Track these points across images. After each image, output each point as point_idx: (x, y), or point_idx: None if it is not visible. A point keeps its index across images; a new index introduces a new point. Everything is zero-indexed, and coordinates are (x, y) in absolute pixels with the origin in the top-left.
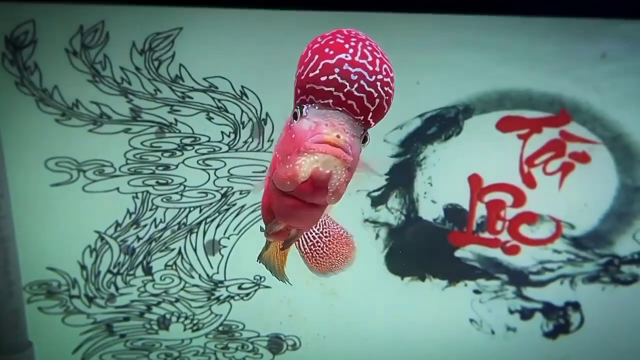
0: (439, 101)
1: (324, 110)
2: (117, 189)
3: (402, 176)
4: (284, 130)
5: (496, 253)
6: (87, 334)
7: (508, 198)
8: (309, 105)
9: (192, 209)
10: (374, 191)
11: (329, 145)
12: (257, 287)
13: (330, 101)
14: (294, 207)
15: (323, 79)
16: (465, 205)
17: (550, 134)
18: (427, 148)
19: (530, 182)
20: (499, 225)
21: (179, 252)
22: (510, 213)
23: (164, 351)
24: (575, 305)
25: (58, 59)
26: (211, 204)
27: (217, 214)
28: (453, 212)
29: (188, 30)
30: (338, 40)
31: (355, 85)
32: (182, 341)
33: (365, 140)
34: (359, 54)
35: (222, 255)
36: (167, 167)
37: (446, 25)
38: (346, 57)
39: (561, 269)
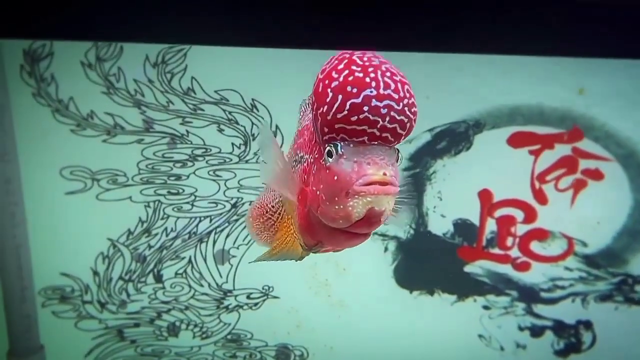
0: (449, 116)
1: (361, 147)
2: (130, 198)
3: (411, 191)
4: (317, 166)
5: (506, 269)
6: (99, 339)
7: (519, 214)
8: (343, 144)
9: (202, 218)
10: None
11: (384, 187)
12: (265, 297)
13: (365, 138)
14: (347, 239)
15: (354, 119)
16: (475, 221)
17: (562, 150)
18: (436, 162)
19: (541, 198)
20: (509, 241)
21: (189, 261)
22: (521, 229)
23: (173, 358)
24: (587, 324)
25: (74, 71)
26: (221, 214)
27: (226, 224)
28: (463, 227)
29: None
30: (357, 74)
31: (387, 119)
32: (191, 348)
33: (398, 158)
34: (382, 84)
35: (231, 265)
36: (178, 177)
37: None
38: (371, 92)
39: (573, 287)
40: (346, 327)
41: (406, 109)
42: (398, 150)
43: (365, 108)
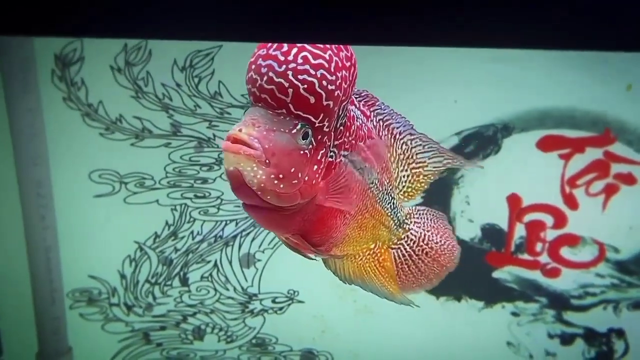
0: (477, 119)
1: (251, 108)
2: (157, 201)
3: (438, 194)
4: None
5: (535, 275)
6: (125, 342)
7: (548, 219)
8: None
9: (228, 222)
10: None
11: (229, 143)
12: (290, 302)
13: (252, 98)
14: (244, 208)
15: (246, 77)
16: (504, 226)
17: (593, 154)
18: None
19: (572, 203)
20: (538, 246)
21: (215, 264)
22: (550, 234)
23: None
24: (620, 332)
25: (103, 76)
26: (247, 217)
27: (252, 228)
28: (491, 232)
29: (227, 47)
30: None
31: (265, 79)
32: (216, 352)
33: (306, 136)
34: (275, 46)
35: (257, 269)
36: (205, 180)
37: None
38: (262, 52)
39: (604, 294)
40: (371, 333)
41: (290, 72)
42: (302, 124)
43: (253, 66)
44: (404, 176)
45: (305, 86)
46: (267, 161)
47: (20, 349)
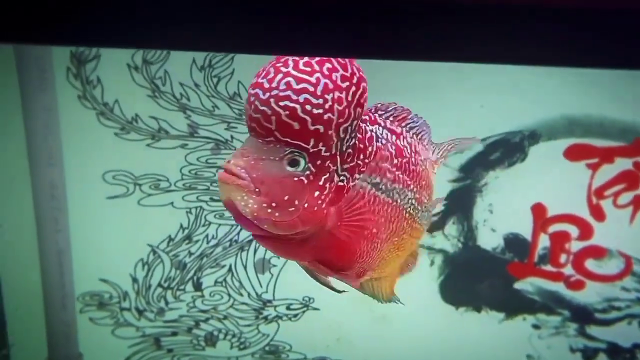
0: (504, 126)
1: (247, 138)
2: (172, 203)
3: (461, 202)
4: None
5: (558, 287)
6: (136, 347)
7: (574, 230)
8: None
9: None
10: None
11: (223, 173)
12: (305, 309)
13: (247, 130)
14: (255, 239)
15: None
16: (527, 236)
17: (622, 164)
18: (488, 174)
19: (598, 214)
20: (562, 258)
21: (229, 269)
22: (575, 246)
23: None
24: None
25: (120, 74)
26: None
27: None
28: (514, 242)
29: None
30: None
31: (253, 107)
32: (228, 359)
33: (295, 163)
34: (263, 73)
35: (272, 275)
36: None
37: None
38: (253, 80)
39: (630, 309)
40: (387, 342)
41: (272, 100)
42: (291, 151)
43: (246, 97)
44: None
45: (287, 112)
46: (257, 190)
47: (28, 355)
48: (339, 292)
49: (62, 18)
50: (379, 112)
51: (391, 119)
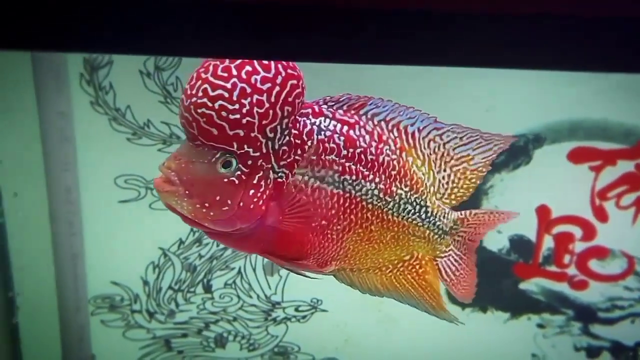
0: (509, 129)
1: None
2: None
3: (467, 204)
4: None
5: (562, 287)
6: (146, 349)
7: (577, 231)
8: None
9: None
10: None
11: (157, 179)
12: (313, 310)
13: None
14: (207, 235)
15: None
16: (532, 237)
17: (624, 166)
18: (494, 177)
19: (601, 215)
20: (566, 258)
21: (239, 272)
22: (579, 247)
23: None
24: None
25: (132, 80)
26: None
27: None
28: (519, 243)
29: None
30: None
31: (179, 112)
32: None
33: (228, 164)
34: (189, 80)
35: (281, 277)
36: None
37: None
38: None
39: (633, 308)
40: (395, 342)
41: (192, 107)
42: (222, 153)
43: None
44: (442, 177)
45: (205, 119)
46: (187, 192)
47: (42, 357)
48: (311, 278)
49: (69, 24)
50: (328, 104)
51: (345, 108)
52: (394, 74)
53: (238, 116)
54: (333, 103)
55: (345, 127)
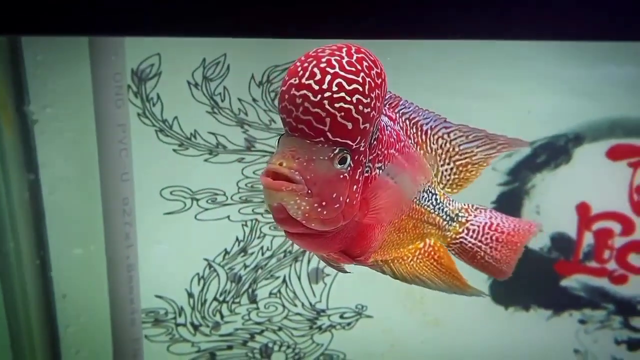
0: (550, 129)
1: (287, 138)
2: (228, 217)
3: (509, 204)
4: None
5: (603, 282)
6: None
7: (616, 227)
8: (282, 134)
9: None
10: None
11: (269, 180)
12: (358, 317)
13: (287, 128)
14: (287, 235)
15: (280, 107)
16: (573, 234)
17: None
18: (535, 176)
19: None
20: (606, 254)
21: (284, 280)
22: (618, 242)
23: None
24: None
25: (180, 91)
26: None
27: None
28: (560, 241)
29: None
30: (297, 63)
31: (301, 109)
32: None
33: (344, 160)
34: (307, 74)
35: (325, 284)
36: None
37: (557, 56)
38: (294, 81)
39: None
40: (441, 345)
41: (325, 102)
42: (340, 149)
43: (286, 96)
44: (445, 170)
45: (343, 114)
46: (309, 192)
47: None
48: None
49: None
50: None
51: (387, 106)
52: (447, 75)
53: (369, 110)
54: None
55: (391, 123)
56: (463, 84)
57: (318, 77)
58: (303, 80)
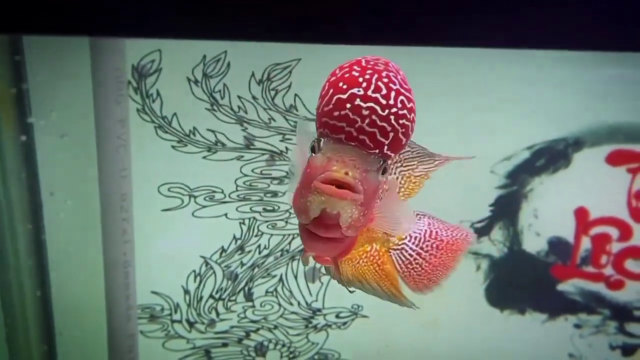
0: (549, 134)
1: (338, 145)
2: (226, 214)
3: (507, 208)
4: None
5: (599, 287)
6: (186, 359)
7: (614, 232)
8: (325, 139)
9: (295, 235)
10: (478, 222)
11: (334, 188)
12: (354, 316)
13: (343, 136)
14: (308, 237)
15: (336, 114)
16: (570, 239)
17: None
18: (534, 180)
19: (638, 216)
20: (603, 259)
21: (280, 279)
22: (615, 247)
23: None
24: None
25: (179, 88)
26: None
27: None
28: (557, 245)
29: (306, 61)
30: (353, 73)
31: (367, 121)
32: None
33: (385, 171)
34: (372, 87)
35: (322, 283)
36: (274, 194)
37: (558, 59)
38: (358, 91)
39: None
40: (436, 347)
41: (392, 117)
42: (385, 162)
43: (348, 105)
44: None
45: (404, 130)
46: (362, 202)
47: None
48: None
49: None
50: None
51: None
52: (445, 75)
53: (414, 125)
54: None
55: None
56: (461, 87)
57: (384, 91)
58: (369, 93)
